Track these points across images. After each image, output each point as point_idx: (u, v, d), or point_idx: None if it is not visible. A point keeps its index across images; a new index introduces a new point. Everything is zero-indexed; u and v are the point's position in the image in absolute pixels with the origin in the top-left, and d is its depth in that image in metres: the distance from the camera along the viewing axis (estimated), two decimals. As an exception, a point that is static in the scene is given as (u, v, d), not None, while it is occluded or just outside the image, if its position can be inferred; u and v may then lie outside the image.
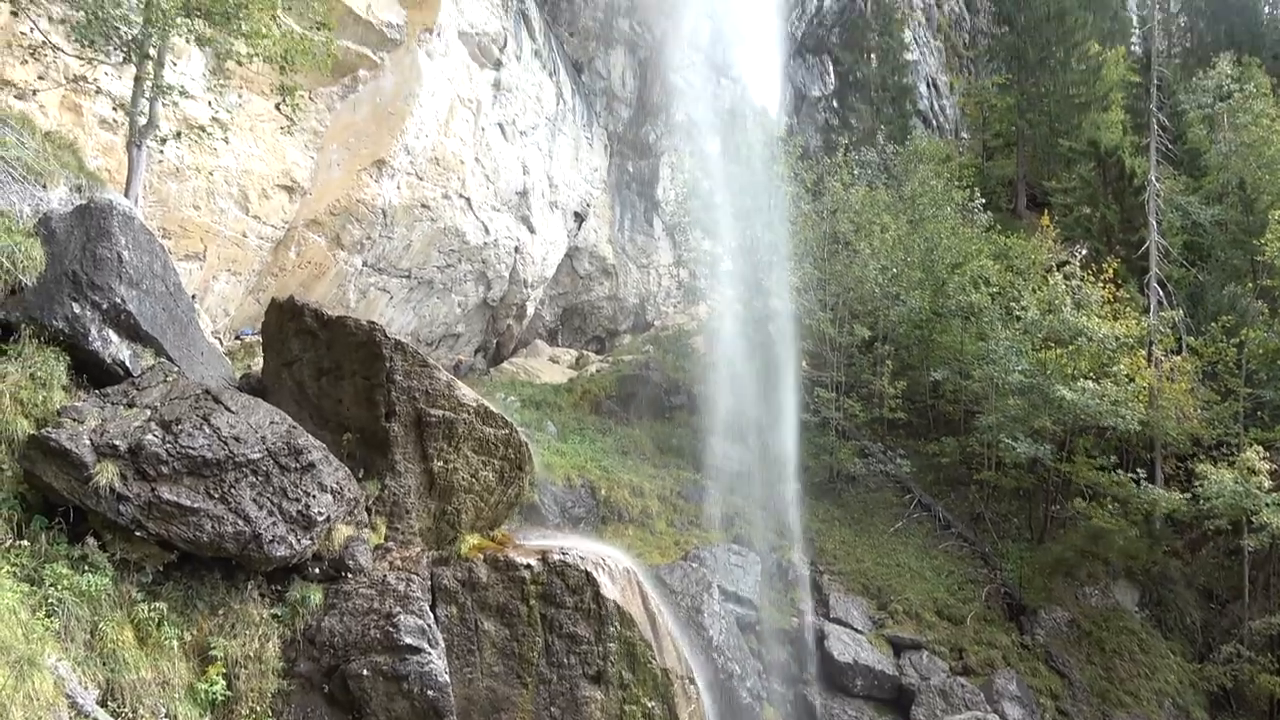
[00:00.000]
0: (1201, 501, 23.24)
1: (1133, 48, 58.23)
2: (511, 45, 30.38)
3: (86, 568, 8.88)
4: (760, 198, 31.12)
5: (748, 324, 29.47)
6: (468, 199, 29.33)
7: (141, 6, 13.88)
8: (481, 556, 12.76)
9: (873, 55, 47.71)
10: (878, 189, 34.38)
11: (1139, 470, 25.05)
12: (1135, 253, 32.11)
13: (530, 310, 36.44)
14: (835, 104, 48.05)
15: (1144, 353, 27.45)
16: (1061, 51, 46.39)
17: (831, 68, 48.36)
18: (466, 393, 13.30)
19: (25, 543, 8.71)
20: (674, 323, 40.33)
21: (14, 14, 14.16)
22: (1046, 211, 37.71)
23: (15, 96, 16.63)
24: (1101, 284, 27.52)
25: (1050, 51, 46.41)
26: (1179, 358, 27.70)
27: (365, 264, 27.19)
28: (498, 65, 29.91)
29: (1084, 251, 29.54)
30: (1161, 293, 30.20)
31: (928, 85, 54.11)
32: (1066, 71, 46.13)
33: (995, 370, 26.82)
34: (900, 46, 48.99)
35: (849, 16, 48.48)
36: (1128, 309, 27.69)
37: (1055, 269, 29.14)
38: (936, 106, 54.59)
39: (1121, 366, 25.27)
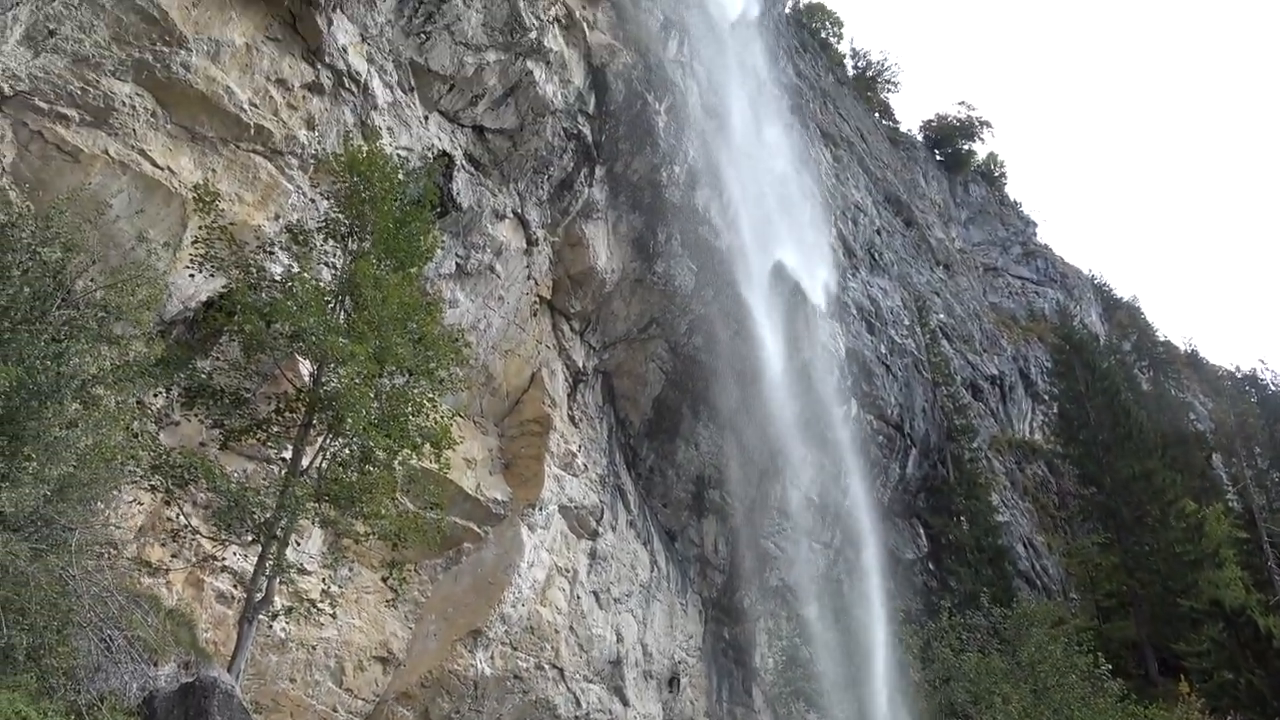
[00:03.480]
0: None
1: (1230, 503, 57.57)
2: (608, 516, 31.89)
3: None
4: (865, 666, 29.65)
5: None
6: (560, 669, 28.67)
7: (277, 493, 15.32)
8: None
9: (963, 518, 48.17)
10: (990, 655, 32.46)
11: None
12: (1300, 725, 28.59)
13: (621, 795, 33.41)
14: (931, 566, 47.54)
15: None
16: (1157, 510, 46.06)
17: (923, 531, 48.71)
18: None
19: None
20: (780, 812, 36.18)
21: (166, 503, 15.70)
22: (1183, 677, 34.63)
23: (148, 574, 17.78)
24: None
25: (1145, 510, 46.16)
26: None
27: (451, 741, 25.98)
28: (594, 535, 31.13)
29: (1241, 724, 26.45)
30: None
31: (1024, 545, 53.55)
32: (1167, 529, 45.31)
33: None
34: (989, 509, 49.52)
35: (933, 483, 50.00)
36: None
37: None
38: (1038, 567, 53.41)
39: None
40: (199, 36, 17.58)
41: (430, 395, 17.12)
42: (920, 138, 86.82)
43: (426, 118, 23.90)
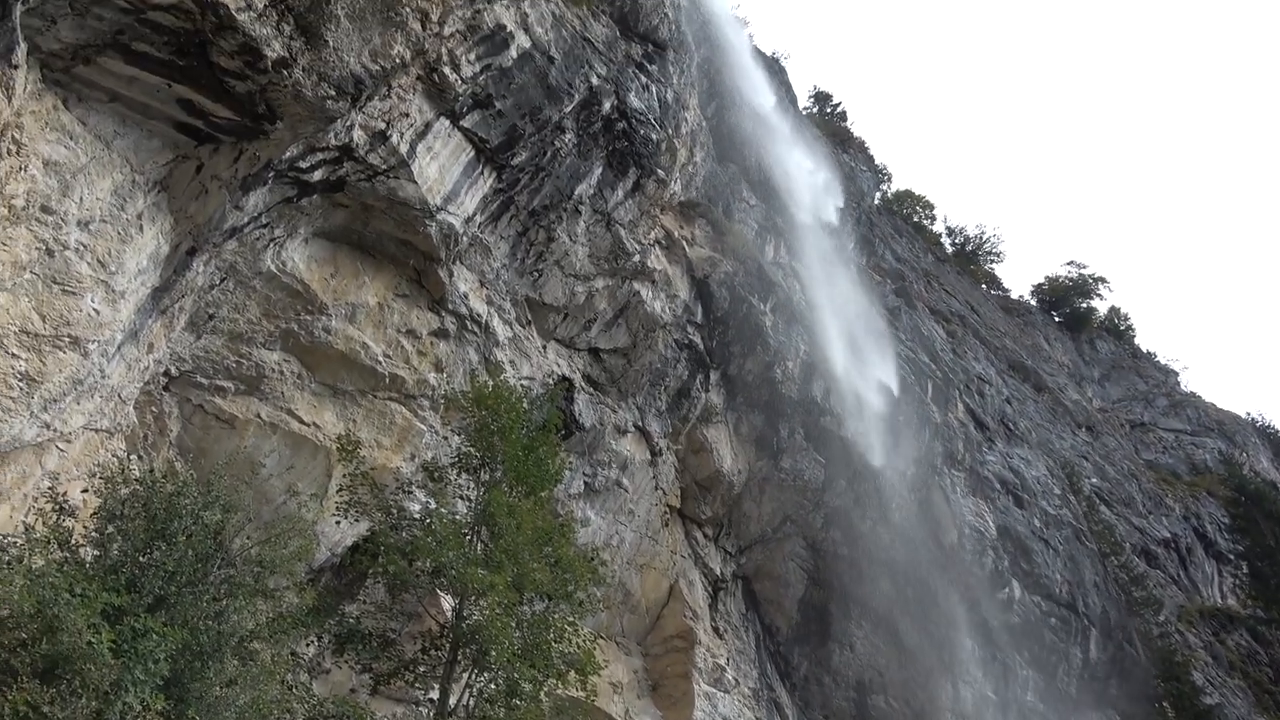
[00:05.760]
0: None
1: None
2: (767, 734, 29.80)
3: None
4: None
5: None
6: None
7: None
8: None
9: (1166, 704, 42.87)
10: None
11: None
12: None
13: None
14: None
15: None
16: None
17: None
18: None
19: None
20: None
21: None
22: None
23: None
24: None
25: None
26: None
27: None
28: (755, 756, 29.03)
29: None
30: None
31: (1245, 733, 46.88)
32: None
33: None
34: (1194, 691, 44.09)
35: (1122, 666, 45.04)
36: None
37: None
38: (1267, 757, 46.43)
39: None
40: (337, 302, 19.27)
41: (571, 619, 16.86)
42: (1034, 302, 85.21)
43: (545, 347, 25.12)
